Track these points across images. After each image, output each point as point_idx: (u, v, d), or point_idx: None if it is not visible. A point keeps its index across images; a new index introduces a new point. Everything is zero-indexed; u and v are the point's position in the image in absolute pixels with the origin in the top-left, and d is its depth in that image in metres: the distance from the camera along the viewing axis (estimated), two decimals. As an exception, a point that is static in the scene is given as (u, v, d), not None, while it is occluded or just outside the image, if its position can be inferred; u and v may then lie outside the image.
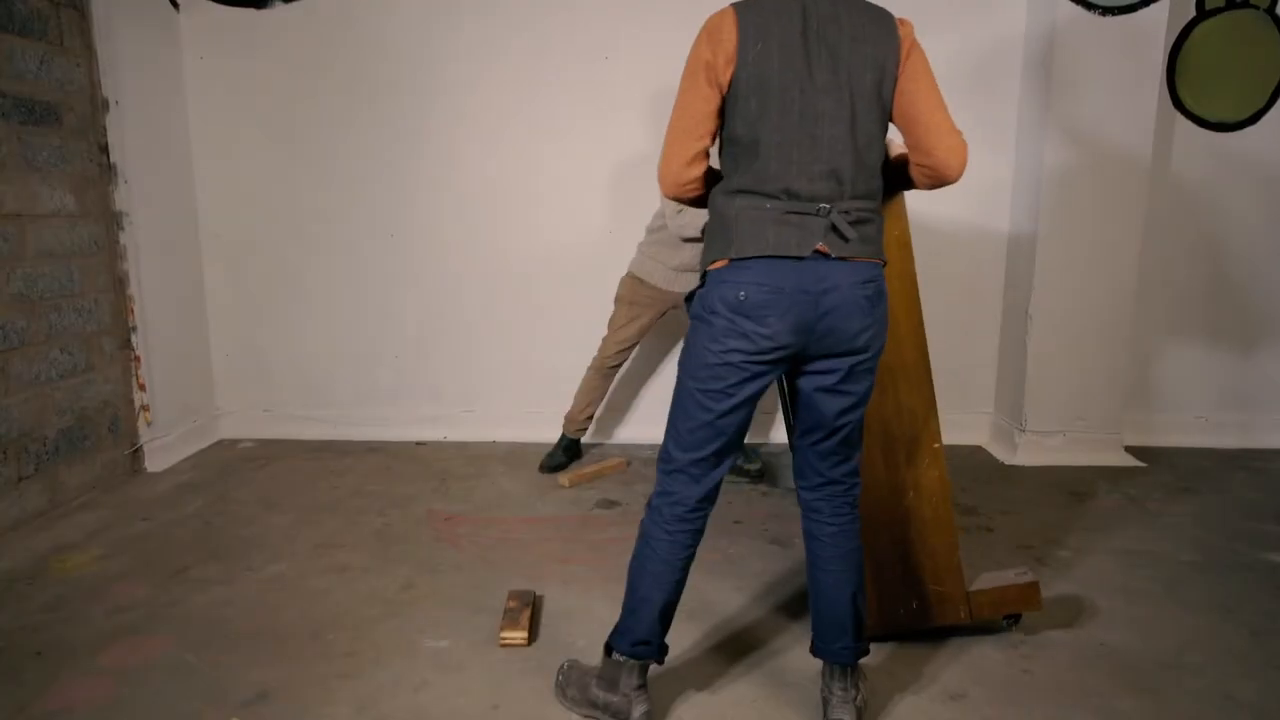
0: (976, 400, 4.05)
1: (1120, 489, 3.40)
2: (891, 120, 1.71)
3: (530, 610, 2.30)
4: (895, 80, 1.64)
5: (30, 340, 3.01)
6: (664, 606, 1.82)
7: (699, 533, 1.81)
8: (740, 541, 2.84)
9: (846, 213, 1.64)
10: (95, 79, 3.31)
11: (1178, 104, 3.77)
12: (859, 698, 1.85)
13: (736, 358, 1.67)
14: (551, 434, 3.71)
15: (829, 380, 1.71)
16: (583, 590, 2.49)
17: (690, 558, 1.82)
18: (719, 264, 1.68)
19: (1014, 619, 2.22)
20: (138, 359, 3.52)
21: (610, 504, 3.19)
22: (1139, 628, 2.30)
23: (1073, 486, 3.43)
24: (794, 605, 2.39)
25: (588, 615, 2.34)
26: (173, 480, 3.45)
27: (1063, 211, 3.59)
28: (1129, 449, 3.84)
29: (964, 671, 2.07)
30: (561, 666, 2.01)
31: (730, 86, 1.63)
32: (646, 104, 3.77)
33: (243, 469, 3.61)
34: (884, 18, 1.65)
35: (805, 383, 1.75)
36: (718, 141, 1.73)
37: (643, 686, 1.85)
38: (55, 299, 3.13)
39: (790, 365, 1.72)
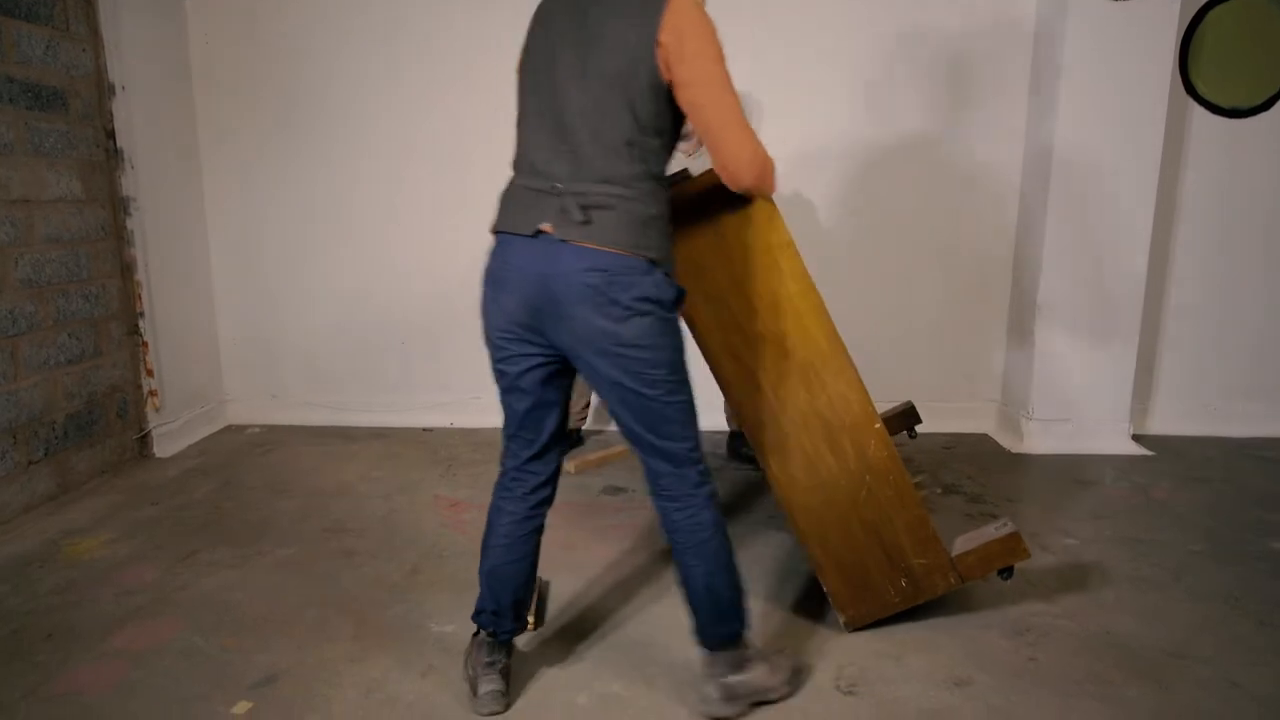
0: (983, 388, 4.04)
1: (1128, 477, 3.39)
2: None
3: (536, 596, 2.31)
4: (654, 64, 1.56)
5: (39, 325, 3.03)
6: (490, 573, 1.86)
7: (520, 501, 1.86)
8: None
9: (580, 194, 1.61)
10: (101, 64, 3.31)
11: (1190, 90, 3.73)
12: (732, 676, 1.82)
13: (492, 334, 1.74)
14: (558, 420, 3.71)
15: (598, 379, 1.69)
16: (589, 576, 2.50)
17: (516, 531, 1.86)
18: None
19: (1007, 572, 2.18)
20: (145, 344, 3.53)
21: (616, 490, 3.19)
22: (1146, 616, 2.29)
23: (1080, 475, 3.42)
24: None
25: (594, 601, 2.35)
26: (181, 465, 3.47)
27: (1072, 198, 3.56)
28: (1137, 437, 3.83)
29: (970, 658, 2.08)
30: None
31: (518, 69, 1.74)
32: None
33: (250, 454, 3.62)
34: (650, 47, 1.56)
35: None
36: None
37: (492, 664, 1.86)
38: (63, 284, 3.14)
39: (549, 350, 1.72)
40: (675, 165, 3.22)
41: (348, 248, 3.94)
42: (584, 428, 3.70)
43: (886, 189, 3.87)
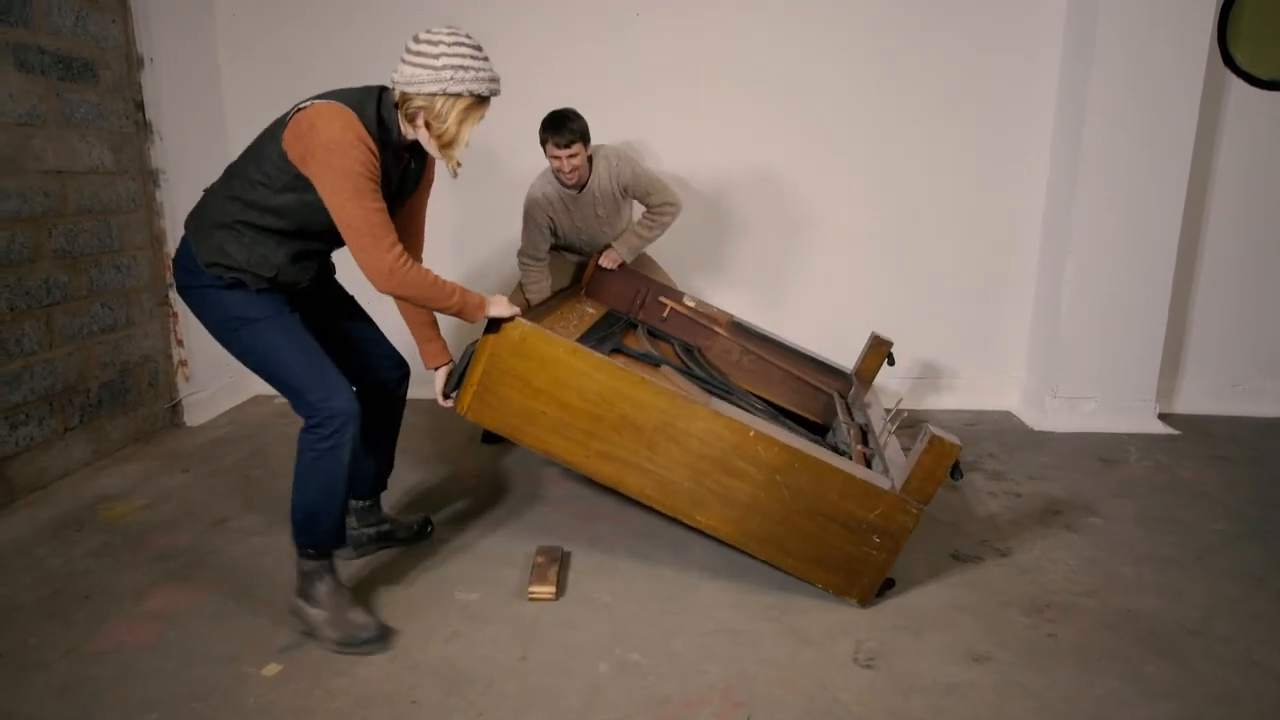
0: (1007, 363, 4.01)
1: (1152, 456, 3.36)
2: None
3: (558, 566, 2.35)
4: (280, 138, 1.91)
5: (73, 295, 3.08)
6: None
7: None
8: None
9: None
10: (130, 35, 3.33)
11: (1229, 61, 3.65)
12: (296, 598, 2.04)
13: None
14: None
15: None
16: (608, 547, 2.53)
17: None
18: None
19: (956, 473, 2.18)
20: (175, 315, 3.58)
21: (638, 463, 3.21)
22: (1167, 594, 2.29)
23: (1103, 453, 3.40)
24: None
25: (613, 571, 2.38)
26: (210, 434, 3.54)
27: (1103, 171, 3.51)
28: (1162, 416, 3.79)
29: (988, 634, 2.09)
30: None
31: None
32: (681, 66, 3.72)
33: (277, 424, 3.68)
34: (288, 120, 1.92)
35: None
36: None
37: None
38: (95, 255, 3.19)
39: None
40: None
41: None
42: None
43: (909, 161, 3.83)
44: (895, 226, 3.89)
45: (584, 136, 3.07)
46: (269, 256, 1.99)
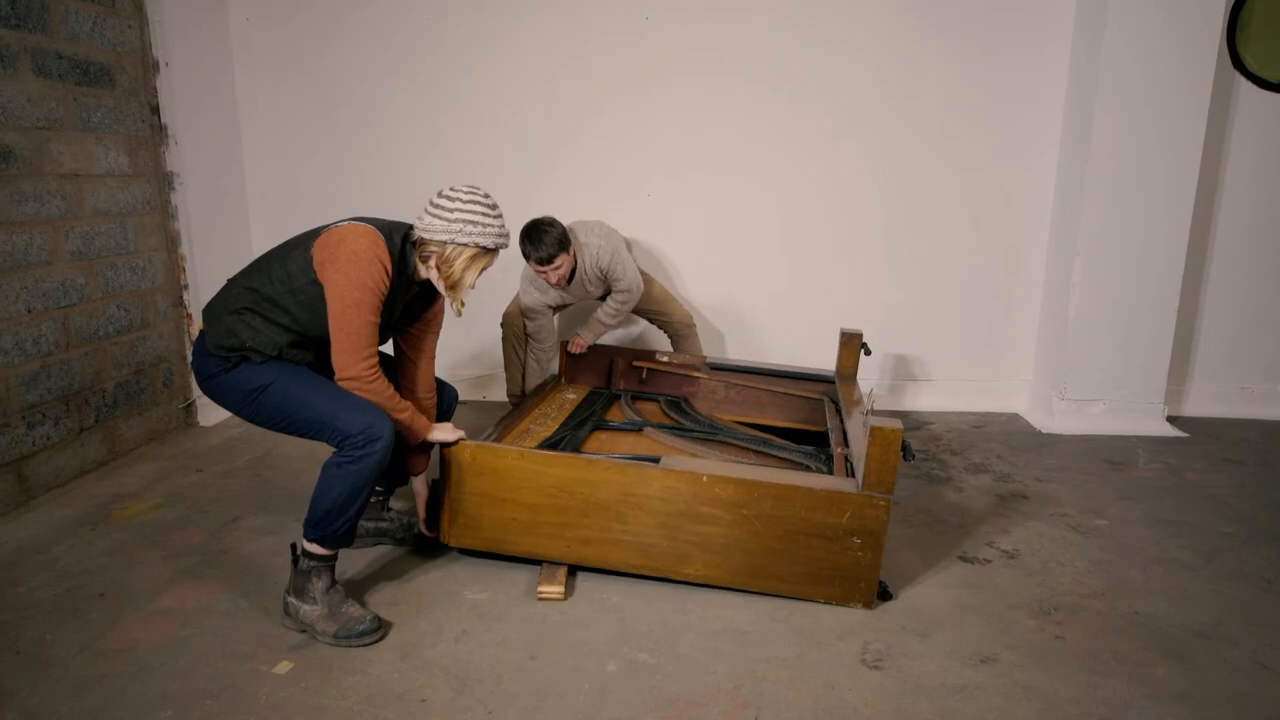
0: (1015, 366, 4.01)
1: (1160, 459, 3.36)
2: None
3: (567, 567, 2.36)
4: (309, 251, 2.10)
5: (89, 297, 3.12)
6: None
7: None
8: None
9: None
10: (146, 40, 3.37)
11: (1238, 64, 3.64)
12: (291, 597, 2.09)
13: None
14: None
15: None
16: (618, 548, 2.54)
17: None
18: None
19: (907, 454, 2.22)
20: (189, 316, 3.62)
21: (646, 465, 3.23)
22: (1175, 597, 2.29)
23: (1111, 455, 3.39)
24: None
25: (620, 572, 2.40)
26: (223, 434, 3.57)
27: (1112, 174, 3.51)
28: (1171, 419, 3.79)
29: (995, 636, 2.09)
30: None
31: None
32: (689, 68, 3.74)
33: (290, 424, 3.71)
34: (321, 232, 2.13)
35: None
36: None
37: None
38: (111, 257, 3.22)
39: None
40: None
41: (383, 223, 3.98)
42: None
43: (917, 163, 3.83)
44: (903, 228, 3.90)
45: (563, 245, 3.06)
46: (275, 339, 2.13)
